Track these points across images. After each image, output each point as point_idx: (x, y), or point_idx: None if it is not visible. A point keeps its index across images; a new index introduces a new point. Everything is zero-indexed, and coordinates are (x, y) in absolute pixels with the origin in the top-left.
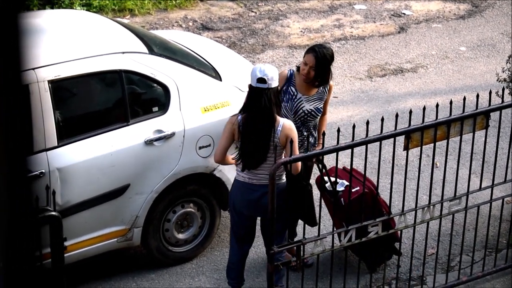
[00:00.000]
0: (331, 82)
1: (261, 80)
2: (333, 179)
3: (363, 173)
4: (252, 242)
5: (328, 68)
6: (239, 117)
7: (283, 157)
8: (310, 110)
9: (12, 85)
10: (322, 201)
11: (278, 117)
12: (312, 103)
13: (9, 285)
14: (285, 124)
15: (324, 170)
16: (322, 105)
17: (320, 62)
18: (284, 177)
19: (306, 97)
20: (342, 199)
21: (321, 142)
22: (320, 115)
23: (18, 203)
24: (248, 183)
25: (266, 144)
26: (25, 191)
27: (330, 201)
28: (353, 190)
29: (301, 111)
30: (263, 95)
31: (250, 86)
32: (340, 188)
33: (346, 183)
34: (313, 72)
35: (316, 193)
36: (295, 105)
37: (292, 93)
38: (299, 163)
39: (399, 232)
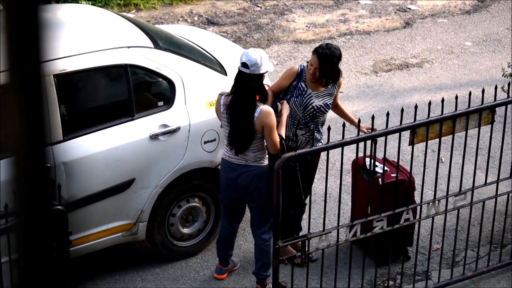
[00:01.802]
0: (340, 79)
1: (244, 65)
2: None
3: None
4: (240, 221)
5: (334, 67)
6: (222, 97)
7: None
8: (319, 106)
9: (32, 78)
10: (328, 195)
11: (259, 103)
12: (321, 99)
13: (25, 276)
14: (262, 110)
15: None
16: (331, 101)
17: (323, 63)
18: (266, 161)
19: (315, 92)
20: (380, 179)
21: (368, 126)
22: (328, 110)
23: (36, 194)
24: (229, 161)
25: (244, 127)
26: (43, 182)
27: (366, 181)
28: (391, 175)
29: (310, 106)
30: (244, 80)
31: (238, 68)
32: (379, 170)
33: (386, 168)
34: (318, 73)
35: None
36: (304, 101)
37: (302, 89)
38: (277, 141)
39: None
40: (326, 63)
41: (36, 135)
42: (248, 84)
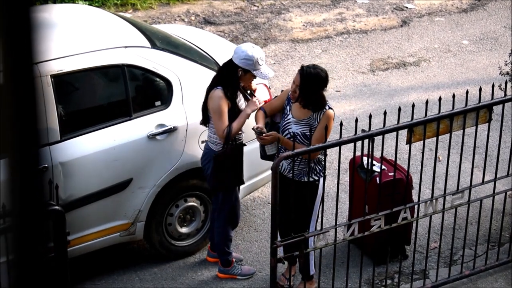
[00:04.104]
0: (330, 111)
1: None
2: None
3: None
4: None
5: (316, 90)
6: None
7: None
8: (296, 134)
9: (24, 78)
10: (325, 194)
11: (220, 87)
12: (300, 127)
13: (21, 277)
14: (212, 92)
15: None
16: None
17: (305, 81)
18: (219, 147)
19: (295, 120)
20: (377, 178)
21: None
22: (308, 142)
23: (30, 196)
24: None
25: (204, 101)
26: (37, 183)
27: (364, 180)
28: (389, 174)
29: (286, 132)
30: (225, 62)
31: None
32: (376, 169)
33: (383, 167)
34: (298, 91)
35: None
36: (283, 125)
37: (285, 113)
38: (219, 128)
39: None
40: (308, 82)
41: (30, 137)
42: (221, 69)
